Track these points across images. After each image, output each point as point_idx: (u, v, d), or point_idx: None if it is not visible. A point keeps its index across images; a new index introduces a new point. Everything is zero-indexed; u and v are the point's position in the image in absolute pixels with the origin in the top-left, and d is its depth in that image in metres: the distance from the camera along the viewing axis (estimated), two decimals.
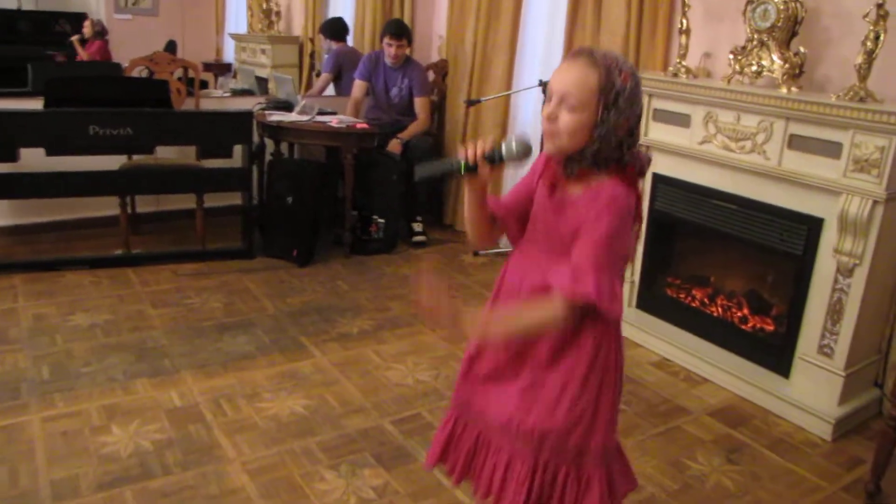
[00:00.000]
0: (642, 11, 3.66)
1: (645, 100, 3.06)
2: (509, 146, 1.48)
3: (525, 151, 1.48)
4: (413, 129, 4.71)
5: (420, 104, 4.79)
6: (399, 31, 4.67)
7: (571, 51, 1.51)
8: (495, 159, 1.48)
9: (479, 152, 1.47)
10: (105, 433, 2.49)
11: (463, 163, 1.47)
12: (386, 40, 4.66)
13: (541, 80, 4.12)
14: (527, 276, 1.57)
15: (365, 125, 4.28)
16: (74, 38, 6.74)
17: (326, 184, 4.45)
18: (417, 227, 4.76)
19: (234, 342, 3.23)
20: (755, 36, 2.95)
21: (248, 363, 3.05)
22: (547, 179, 1.57)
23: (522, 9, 4.51)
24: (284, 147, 4.66)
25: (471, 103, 4.53)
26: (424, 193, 4.86)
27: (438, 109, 5.26)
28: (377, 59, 4.81)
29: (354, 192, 4.34)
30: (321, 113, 4.34)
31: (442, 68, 5.17)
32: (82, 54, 6.64)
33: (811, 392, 2.84)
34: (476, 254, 4.61)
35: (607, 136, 1.44)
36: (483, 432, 1.67)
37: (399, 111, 4.84)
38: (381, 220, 4.52)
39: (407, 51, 4.73)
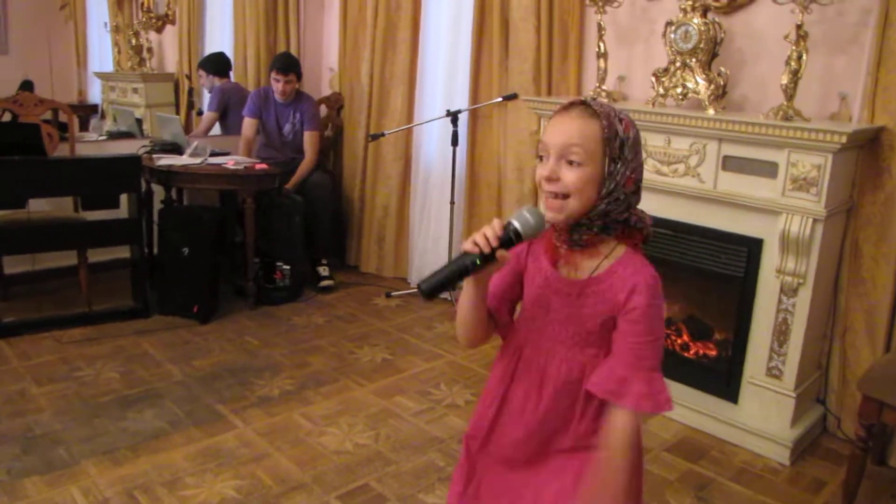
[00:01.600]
0: (552, 36, 3.59)
1: None
2: (524, 219, 1.27)
3: (541, 220, 1.29)
4: (301, 170, 4.40)
5: (309, 139, 4.49)
6: (287, 65, 4.39)
7: (562, 105, 1.34)
8: (512, 239, 1.27)
9: (491, 238, 1.26)
10: None
11: (478, 256, 1.25)
12: (273, 75, 4.38)
13: (448, 111, 3.97)
14: (547, 371, 1.37)
15: (265, 165, 3.96)
16: None
17: (224, 231, 4.09)
18: (323, 270, 4.47)
19: (140, 419, 2.83)
20: (678, 58, 2.91)
21: (162, 442, 2.67)
22: (547, 255, 1.38)
23: (420, 38, 4.36)
24: (174, 193, 4.26)
25: (374, 137, 4.32)
26: (328, 235, 4.58)
27: (334, 145, 5.01)
28: (266, 95, 4.51)
29: (256, 238, 4.00)
30: (214, 154, 3.99)
31: (336, 102, 4.93)
32: None
33: (762, 416, 2.79)
34: (388, 295, 4.37)
35: (616, 193, 1.28)
36: None
37: (294, 148, 4.55)
38: (286, 267, 4.20)
39: (296, 85, 4.46)
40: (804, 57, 2.61)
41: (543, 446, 1.39)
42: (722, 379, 2.94)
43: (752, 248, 2.75)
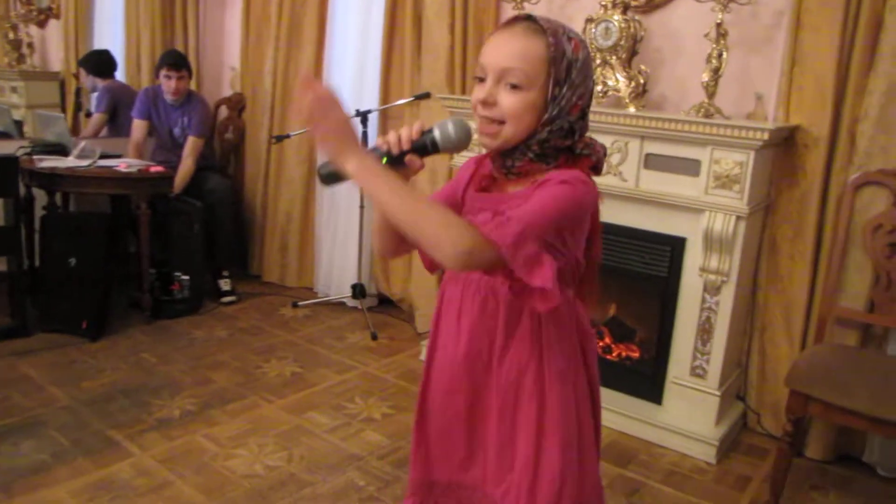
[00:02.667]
0: (466, 33, 3.49)
1: None
2: (445, 129, 1.17)
3: (466, 136, 1.18)
4: (179, 181, 3.97)
5: (190, 144, 4.11)
6: (178, 61, 4.10)
7: (506, 20, 1.22)
8: (428, 147, 1.17)
9: (404, 139, 1.16)
10: None
11: (384, 153, 1.16)
12: (164, 72, 4.06)
13: (357, 111, 3.80)
14: (462, 305, 1.31)
15: (160, 168, 3.68)
16: None
17: (116, 239, 3.77)
18: (225, 284, 4.18)
19: (16, 452, 2.49)
20: (598, 55, 2.86)
21: (44, 478, 2.36)
22: (477, 183, 1.28)
23: (326, 36, 4.17)
24: (58, 198, 3.90)
25: (278, 139, 4.07)
26: (229, 243, 4.31)
27: (236, 148, 4.75)
28: (156, 95, 4.19)
29: (151, 246, 3.70)
30: (104, 156, 3.67)
31: (237, 103, 4.68)
32: None
33: (687, 416, 2.76)
34: (295, 305, 4.15)
35: (560, 121, 1.17)
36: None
37: None
38: (185, 277, 3.90)
39: (187, 84, 4.17)
40: (724, 55, 2.61)
41: (472, 398, 1.33)
42: (646, 380, 2.89)
43: (675, 246, 2.73)
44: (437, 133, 1.18)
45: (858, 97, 2.54)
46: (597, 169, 1.26)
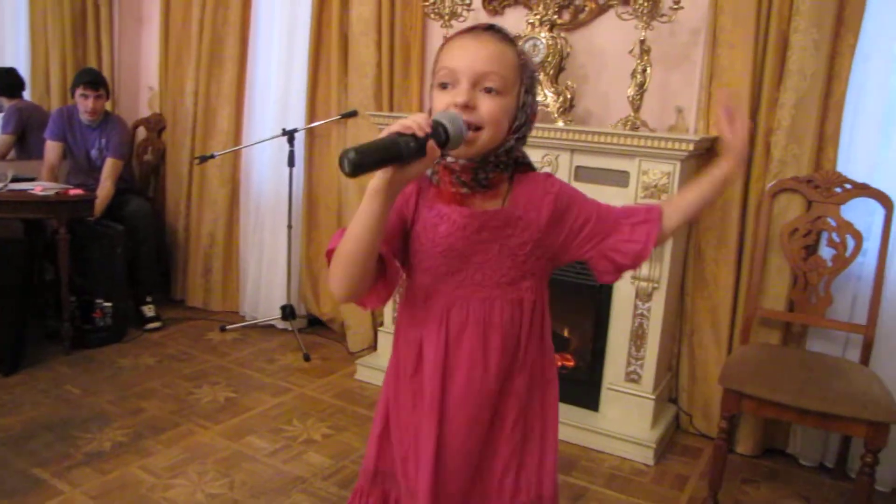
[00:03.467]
0: (393, 52, 3.51)
1: None
2: (454, 120, 1.10)
3: (463, 129, 1.12)
4: (99, 204, 3.80)
5: (109, 167, 3.96)
6: (95, 79, 3.95)
7: (466, 28, 1.21)
8: (441, 136, 1.08)
9: (423, 124, 1.05)
10: None
11: (412, 138, 1.04)
12: (80, 91, 3.91)
13: (284, 129, 3.76)
14: (491, 319, 1.25)
15: (80, 191, 3.53)
16: None
17: (32, 266, 3.59)
18: (149, 310, 4.04)
19: None
20: None
21: None
22: (445, 200, 1.23)
23: (249, 54, 4.12)
24: None
25: (202, 159, 3.96)
26: (152, 268, 4.17)
27: (156, 170, 4.61)
28: (70, 116, 4.03)
29: (71, 273, 3.54)
30: (16, 179, 3.49)
31: (157, 123, 4.54)
32: None
33: (624, 420, 2.84)
34: (223, 329, 4.04)
35: (525, 129, 1.21)
36: None
37: None
38: (107, 304, 3.74)
39: (104, 103, 4.03)
40: (648, 70, 2.72)
41: (494, 412, 1.32)
42: (582, 388, 2.96)
43: None
44: (447, 123, 1.09)
45: (771, 110, 2.70)
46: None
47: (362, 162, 1.00)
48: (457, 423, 1.28)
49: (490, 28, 1.19)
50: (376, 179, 1.07)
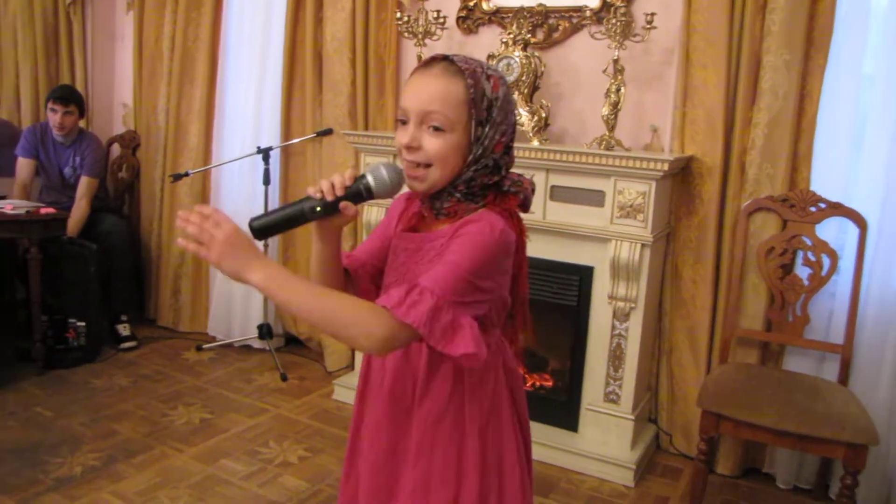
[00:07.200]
0: (368, 70, 3.49)
1: None
2: (378, 174, 1.17)
3: (399, 180, 1.19)
4: (73, 224, 3.78)
5: (84, 185, 3.92)
6: (65, 94, 3.89)
7: (422, 61, 1.22)
8: (363, 193, 1.16)
9: (338, 185, 1.15)
10: None
11: (319, 201, 1.15)
12: (50, 105, 3.85)
13: (259, 147, 3.73)
14: None
15: (52, 210, 3.47)
16: None
17: (2, 285, 3.52)
18: (124, 329, 3.97)
19: None
20: None
21: None
22: (406, 222, 1.27)
23: (219, 70, 4.08)
24: None
25: (176, 178, 3.92)
26: (126, 286, 4.11)
27: (130, 188, 4.55)
28: (43, 133, 3.98)
29: (43, 292, 3.48)
30: None
31: (131, 140, 4.49)
32: None
33: (603, 441, 2.82)
34: (199, 348, 3.99)
35: (483, 159, 1.18)
36: None
37: None
38: (81, 324, 3.68)
39: (77, 121, 3.97)
40: (622, 89, 2.72)
41: (394, 438, 1.31)
42: (561, 409, 2.94)
43: (583, 275, 2.80)
44: (370, 178, 1.17)
45: (746, 129, 2.71)
46: (524, 206, 1.28)
47: (264, 228, 1.15)
48: (367, 423, 1.35)
49: (443, 60, 1.18)
50: None
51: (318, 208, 1.14)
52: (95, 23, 4.55)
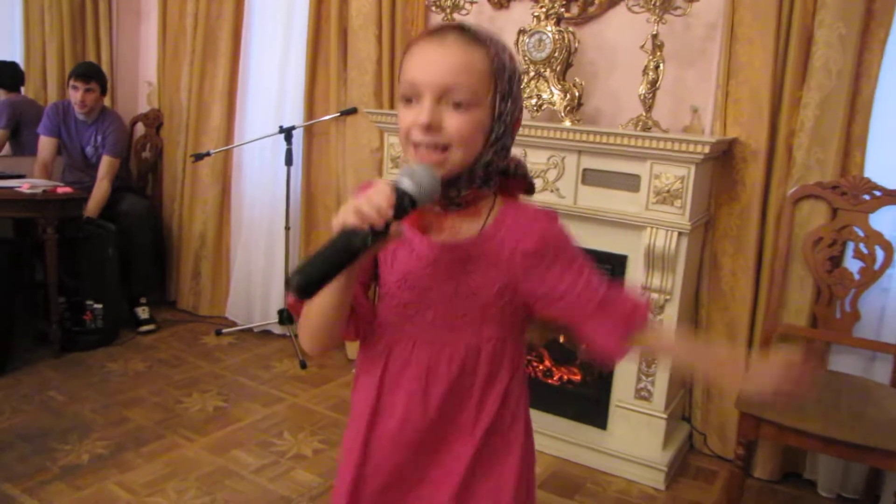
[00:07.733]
0: (394, 46, 3.35)
1: None
2: (417, 179, 0.97)
3: (436, 182, 0.99)
4: (94, 204, 3.71)
5: (105, 165, 3.83)
6: (87, 71, 3.82)
7: (427, 30, 1.07)
8: (406, 207, 0.96)
9: (384, 207, 0.92)
10: None
11: (369, 233, 0.92)
12: (72, 83, 3.77)
13: (281, 127, 3.62)
14: (436, 369, 1.10)
15: (68, 189, 3.40)
16: None
17: (20, 266, 3.46)
18: (143, 312, 3.91)
19: None
20: (531, 67, 2.76)
21: None
22: (411, 222, 1.09)
23: (242, 49, 3.97)
24: None
25: (198, 157, 3.83)
26: (146, 268, 4.05)
27: (154, 167, 4.48)
28: (66, 111, 3.91)
29: (60, 273, 3.42)
30: (4, 176, 3.37)
31: (155, 119, 4.41)
32: None
33: (633, 440, 2.67)
34: (219, 333, 3.91)
35: (504, 139, 1.05)
36: None
37: None
38: (98, 306, 3.61)
39: (100, 99, 3.89)
40: (661, 67, 2.54)
41: (431, 457, 1.14)
42: (589, 404, 2.79)
43: (615, 265, 2.64)
44: (408, 186, 0.97)
45: (794, 110, 2.51)
46: (531, 189, 1.17)
47: (309, 285, 0.92)
48: (379, 476, 1.15)
49: (457, 28, 1.03)
50: None
51: (370, 240, 0.93)
52: (121, 0, 4.48)
